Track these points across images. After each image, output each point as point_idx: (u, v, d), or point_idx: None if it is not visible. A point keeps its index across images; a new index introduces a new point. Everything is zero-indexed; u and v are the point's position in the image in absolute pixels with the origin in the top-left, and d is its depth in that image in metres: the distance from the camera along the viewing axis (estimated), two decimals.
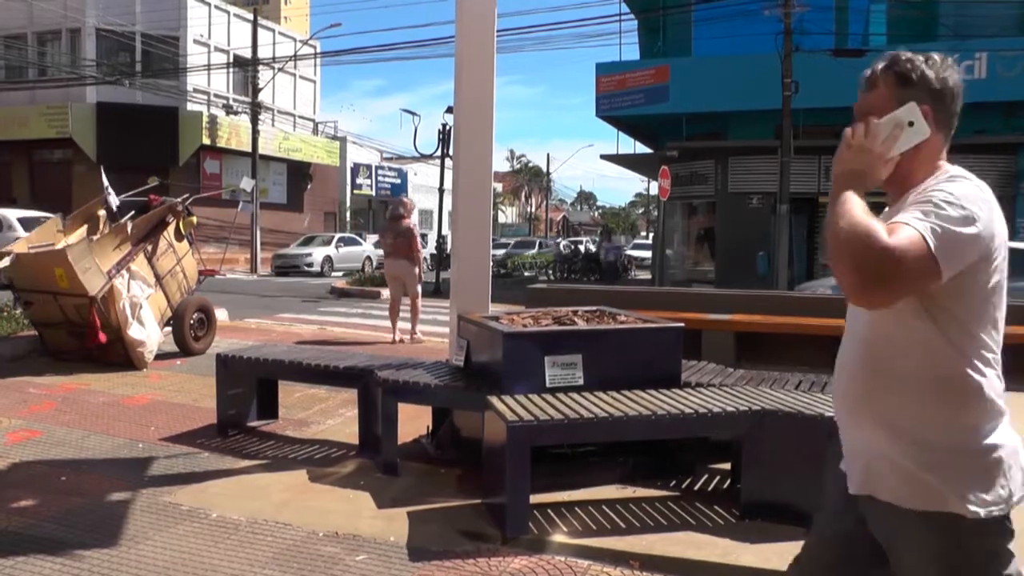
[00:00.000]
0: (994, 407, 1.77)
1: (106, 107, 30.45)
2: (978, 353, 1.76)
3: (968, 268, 1.69)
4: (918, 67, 1.87)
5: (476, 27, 5.54)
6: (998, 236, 1.74)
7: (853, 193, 1.70)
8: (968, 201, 1.69)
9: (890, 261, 1.59)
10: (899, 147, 1.78)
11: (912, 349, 1.77)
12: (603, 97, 23.12)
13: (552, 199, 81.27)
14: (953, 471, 1.74)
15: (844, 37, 21.92)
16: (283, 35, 38.52)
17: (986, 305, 1.76)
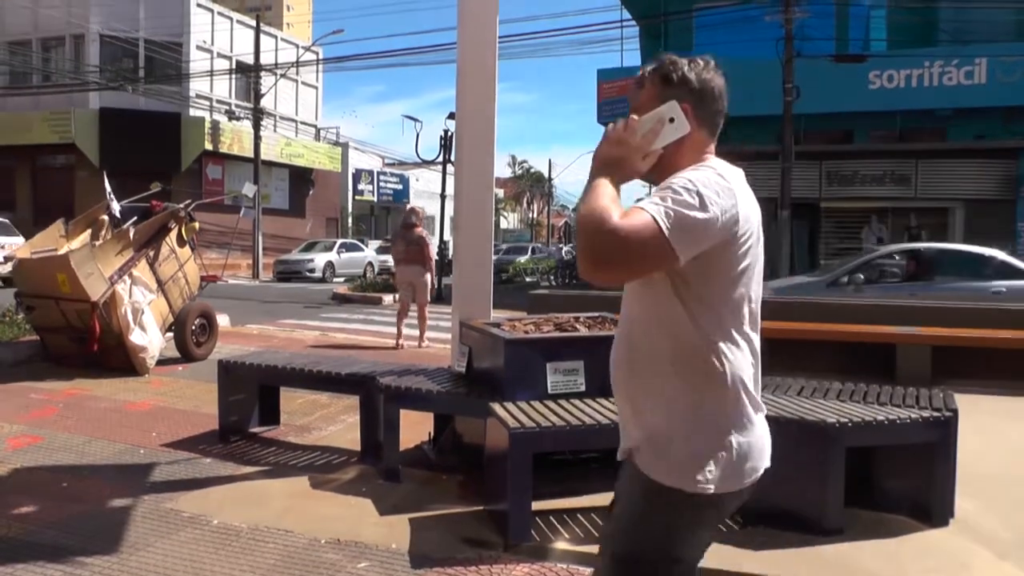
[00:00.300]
0: (738, 391, 1.85)
1: (109, 113, 30.51)
2: (725, 335, 1.84)
3: (711, 251, 1.75)
4: (680, 68, 1.95)
5: (477, 34, 5.55)
6: (743, 222, 1.78)
7: (605, 180, 1.77)
8: (705, 187, 1.74)
9: (616, 241, 1.64)
10: (660, 142, 1.85)
11: (661, 328, 1.86)
12: (605, 103, 23.17)
13: (554, 205, 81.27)
14: (685, 448, 1.83)
15: (845, 43, 21.98)
16: (285, 41, 38.61)
17: (733, 288, 1.83)
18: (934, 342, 7.84)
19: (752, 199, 1.86)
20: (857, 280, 11.66)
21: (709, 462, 1.83)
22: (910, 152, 19.59)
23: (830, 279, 12.22)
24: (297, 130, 38.95)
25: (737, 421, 1.85)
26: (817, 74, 18.73)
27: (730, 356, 1.84)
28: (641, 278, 1.84)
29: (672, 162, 1.88)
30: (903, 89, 20.00)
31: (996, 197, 18.74)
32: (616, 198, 1.73)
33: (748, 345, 1.88)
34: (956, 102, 19.76)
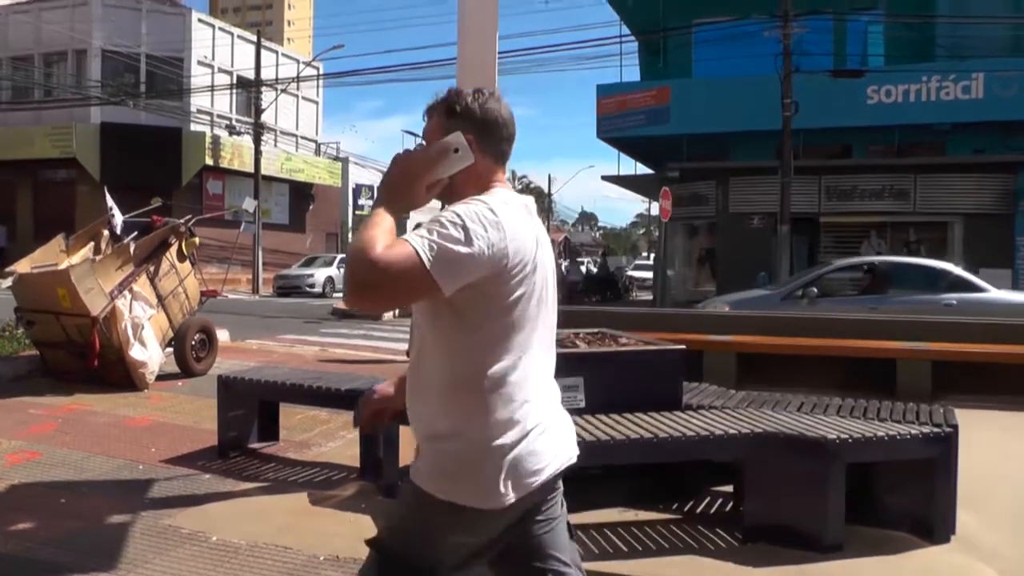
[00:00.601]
0: (512, 412, 1.91)
1: (110, 127, 30.59)
2: (499, 360, 1.90)
3: (481, 282, 1.81)
4: (464, 100, 2.00)
5: (477, 49, 5.57)
6: (513, 255, 1.84)
7: (382, 210, 1.83)
8: (472, 222, 1.79)
9: (375, 271, 1.71)
10: (443, 171, 1.90)
11: (440, 353, 1.93)
12: (604, 118, 23.23)
13: (554, 220, 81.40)
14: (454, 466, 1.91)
15: (843, 58, 22.07)
16: (286, 56, 38.76)
17: (507, 316, 1.89)
18: (934, 357, 7.84)
19: (528, 230, 1.91)
20: (811, 294, 11.77)
21: (483, 478, 1.89)
22: (909, 167, 19.63)
23: (784, 292, 12.30)
24: (297, 145, 39.04)
25: (509, 444, 1.90)
26: (815, 89, 18.78)
27: (503, 379, 1.90)
28: (403, 306, 1.93)
29: (458, 191, 1.95)
30: (901, 104, 20.07)
31: (995, 211, 18.76)
32: (390, 229, 1.79)
33: (526, 368, 1.95)
34: (954, 117, 19.82)
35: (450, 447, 1.92)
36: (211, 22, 35.18)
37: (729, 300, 13.15)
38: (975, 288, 11.66)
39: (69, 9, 32.56)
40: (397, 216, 1.84)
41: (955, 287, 11.71)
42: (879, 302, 11.56)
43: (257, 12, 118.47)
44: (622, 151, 26.44)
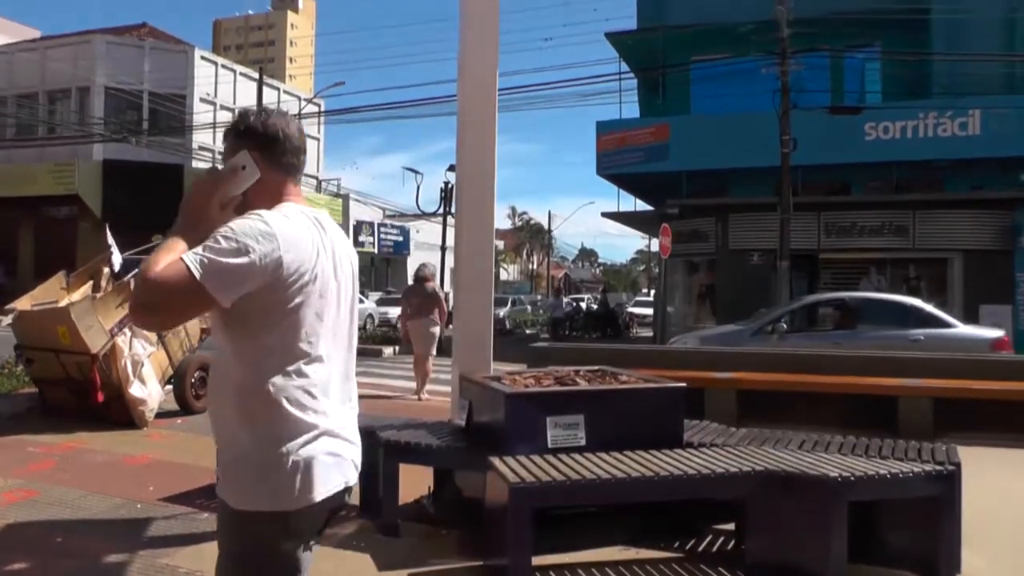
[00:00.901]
0: (296, 417, 1.98)
1: (112, 164, 30.74)
2: (280, 370, 1.98)
3: (258, 292, 1.91)
4: (247, 120, 2.13)
5: (478, 86, 5.62)
6: (288, 265, 1.93)
7: (179, 236, 1.98)
8: (245, 235, 1.88)
9: (149, 291, 1.82)
10: (235, 189, 2.04)
11: (229, 361, 2.01)
12: (604, 155, 23.36)
13: (554, 256, 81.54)
14: (248, 472, 1.97)
15: (840, 95, 22.24)
16: (287, 93, 39.10)
17: (287, 325, 1.98)
18: (936, 394, 7.81)
19: (310, 240, 2.01)
20: (779, 329, 11.83)
21: (270, 485, 1.96)
22: (907, 203, 19.71)
23: (755, 328, 12.34)
24: None
25: (297, 445, 1.97)
26: (813, 126, 18.91)
27: (286, 385, 1.97)
28: (187, 320, 2.07)
29: (252, 206, 2.05)
30: (899, 140, 20.19)
31: (994, 248, 18.80)
32: (177, 251, 1.90)
33: (311, 375, 2.02)
34: (951, 153, 19.93)
35: (244, 453, 1.98)
36: (213, 59, 35.50)
37: (699, 336, 13.21)
38: (942, 324, 11.81)
39: (73, 47, 32.91)
40: (194, 240, 1.93)
41: (923, 323, 11.90)
42: (847, 337, 11.67)
43: (259, 49, 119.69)
44: (622, 188, 26.56)
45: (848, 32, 20.25)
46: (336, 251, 2.11)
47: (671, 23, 23.36)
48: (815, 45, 19.53)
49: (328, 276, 2.06)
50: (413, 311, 11.65)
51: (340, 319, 2.13)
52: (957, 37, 20.60)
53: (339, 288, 2.11)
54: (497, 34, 5.64)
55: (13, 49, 34.96)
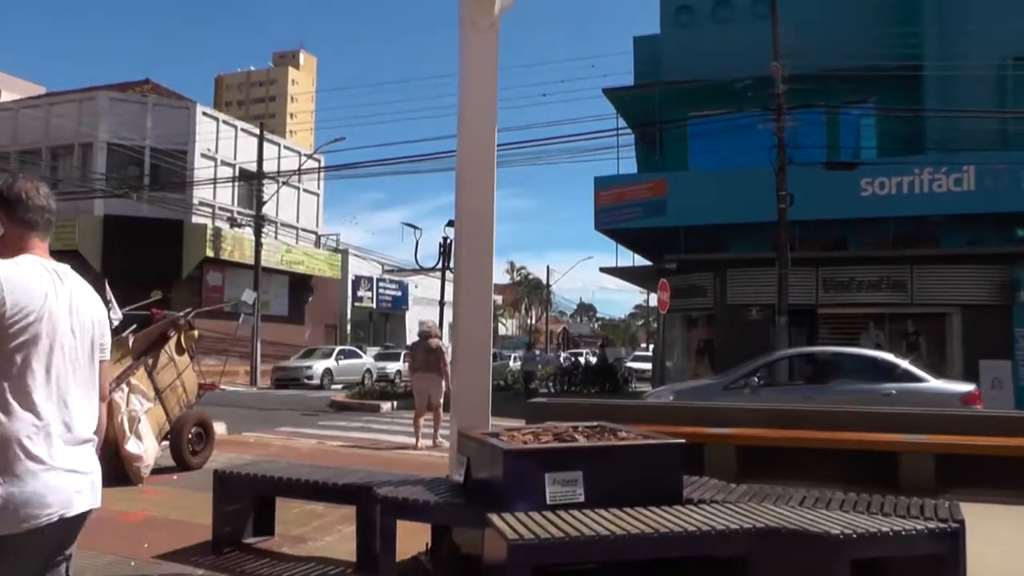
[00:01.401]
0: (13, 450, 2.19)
1: (113, 220, 30.92)
2: (7, 402, 2.20)
3: None
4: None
5: (477, 142, 5.68)
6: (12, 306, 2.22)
7: None
8: None
9: None
10: None
11: None
12: (602, 211, 23.49)
13: (552, 311, 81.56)
14: None
15: (836, 150, 22.44)
16: (288, 149, 39.48)
17: (11, 362, 2.22)
18: (937, 450, 7.76)
19: (38, 285, 2.30)
20: (752, 383, 11.83)
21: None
22: (904, 258, 19.79)
23: (727, 382, 12.34)
24: (298, 237, 39.41)
25: (10, 476, 2.18)
26: (810, 181, 19.05)
27: (14, 418, 2.20)
28: None
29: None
30: (895, 196, 20.32)
31: (993, 303, 18.82)
32: None
33: (32, 410, 2.24)
34: (947, 208, 20.05)
35: None
36: (215, 115, 35.93)
37: (675, 389, 13.23)
38: (915, 378, 11.84)
39: (77, 104, 33.34)
40: None
41: (896, 377, 11.89)
42: (820, 392, 11.68)
43: (260, 105, 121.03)
44: (620, 243, 26.67)
45: (842, 88, 20.50)
46: (74, 300, 2.39)
47: (668, 79, 23.68)
48: (810, 101, 19.76)
49: (59, 321, 2.32)
50: (419, 365, 12.22)
51: (76, 360, 2.38)
52: (950, 93, 20.87)
53: (75, 333, 2.37)
54: (495, 91, 5.72)
55: (18, 106, 35.41)
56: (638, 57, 26.41)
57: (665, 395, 12.80)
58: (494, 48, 5.65)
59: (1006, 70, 20.95)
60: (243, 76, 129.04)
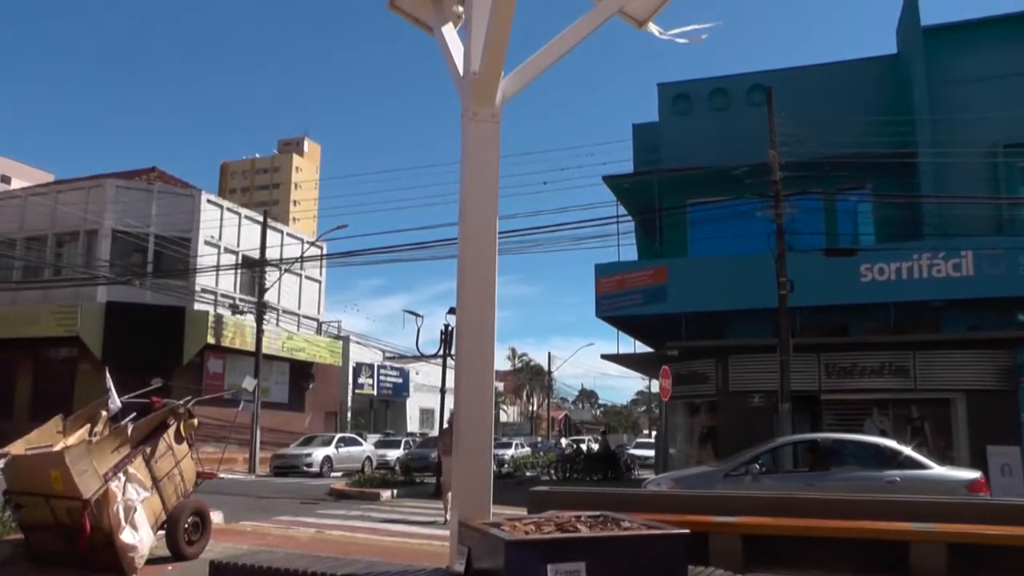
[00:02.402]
0: None
1: (115, 306, 30.99)
2: None
3: None
4: None
5: (478, 231, 5.73)
6: None
7: None
8: None
9: None
10: None
11: None
12: (603, 298, 23.55)
13: (554, 398, 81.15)
14: None
15: (835, 237, 22.62)
16: (291, 236, 39.82)
17: None
18: (950, 539, 7.61)
19: None
20: (753, 470, 11.70)
21: None
22: (906, 344, 19.75)
23: (728, 469, 12.19)
24: (299, 324, 39.46)
25: None
26: (810, 268, 19.15)
27: None
28: None
29: None
30: (894, 282, 20.37)
31: (997, 388, 18.72)
32: None
33: None
34: (947, 293, 20.08)
35: None
36: (219, 202, 36.33)
37: (673, 477, 13.07)
38: (919, 465, 11.70)
39: (84, 191, 33.75)
40: None
41: (900, 464, 11.77)
42: (822, 479, 11.52)
43: (264, 192, 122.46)
44: (621, 330, 26.68)
45: (839, 175, 20.77)
46: None
47: (666, 166, 24.03)
48: (807, 188, 20.01)
49: None
50: (448, 448, 12.97)
51: None
52: (944, 179, 21.16)
53: None
54: (497, 181, 5.80)
55: (26, 193, 35.89)
56: (637, 144, 26.88)
57: (663, 483, 12.64)
58: (495, 139, 5.75)
59: (997, 157, 21.29)
60: (248, 163, 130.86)
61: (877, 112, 22.03)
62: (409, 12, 6.76)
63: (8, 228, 34.05)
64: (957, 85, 21.84)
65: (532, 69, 5.75)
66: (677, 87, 25.77)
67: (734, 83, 25.13)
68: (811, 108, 21.93)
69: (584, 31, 5.66)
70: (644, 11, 5.87)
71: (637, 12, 5.93)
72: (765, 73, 24.65)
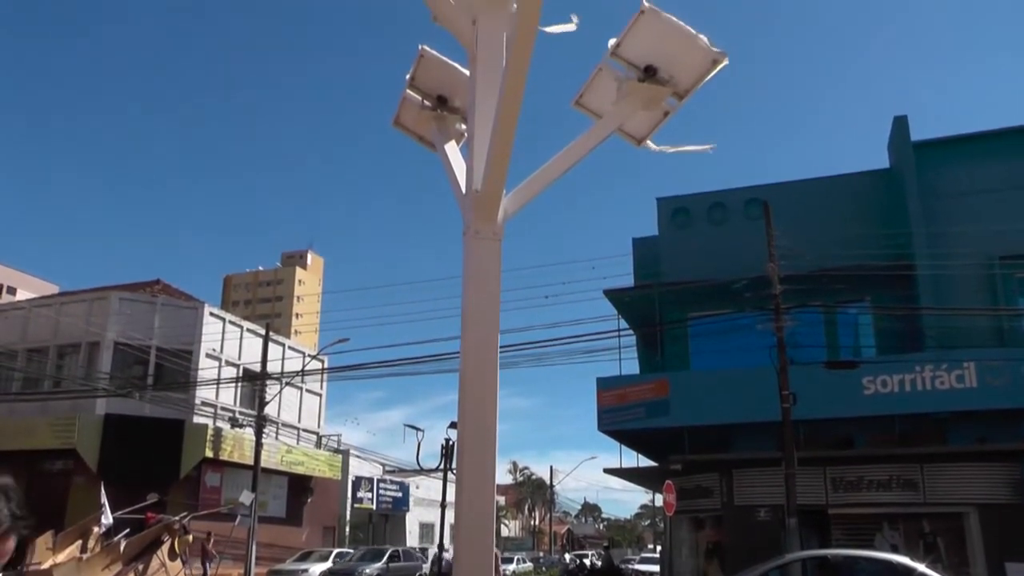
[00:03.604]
0: None
1: (113, 419, 30.77)
2: None
3: None
4: None
5: (480, 345, 5.72)
6: None
7: None
8: None
9: None
10: None
11: None
12: (605, 411, 23.39)
13: (556, 511, 79.68)
14: None
15: (836, 349, 22.61)
16: (292, 350, 39.79)
17: None
18: None
19: None
20: None
21: None
22: (913, 456, 19.50)
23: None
24: (299, 437, 39.09)
25: None
26: (812, 380, 19.07)
27: None
28: None
29: None
30: (898, 393, 20.24)
31: (1010, 501, 18.36)
32: None
33: None
34: (952, 405, 19.92)
35: None
36: (222, 315, 36.49)
37: None
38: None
39: (88, 303, 33.93)
40: None
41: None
42: None
43: (267, 304, 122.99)
44: (623, 443, 26.39)
45: (838, 288, 20.90)
46: None
47: (666, 279, 24.20)
48: (807, 301, 20.11)
49: None
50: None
51: None
52: (942, 291, 21.27)
53: None
54: (498, 298, 5.82)
55: (30, 304, 36.09)
56: (637, 258, 27.14)
57: None
58: (497, 257, 5.81)
59: (994, 269, 21.46)
60: (251, 276, 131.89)
61: (873, 225, 22.34)
62: (412, 129, 6.93)
63: (10, 339, 34.10)
64: (950, 198, 22.23)
65: (534, 186, 5.86)
66: (676, 201, 26.18)
67: (731, 197, 25.54)
68: (807, 221, 22.27)
69: (584, 149, 5.78)
70: (642, 129, 6.03)
71: (635, 130, 6.09)
72: (761, 187, 25.08)
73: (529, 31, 4.62)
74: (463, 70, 6.49)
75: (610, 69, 6.08)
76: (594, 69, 6.14)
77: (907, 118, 23.52)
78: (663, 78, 5.94)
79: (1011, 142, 22.80)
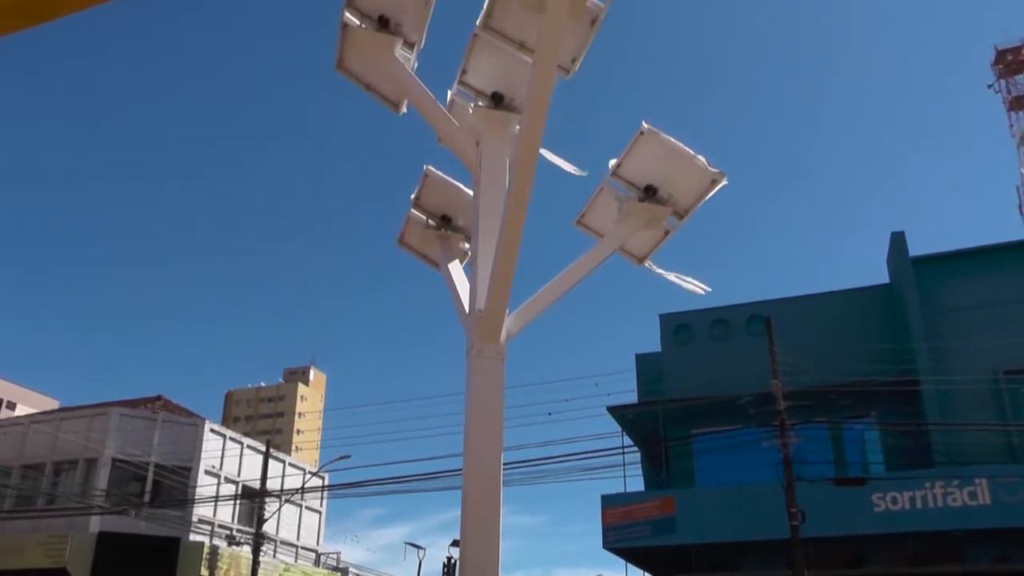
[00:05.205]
0: None
1: (107, 537, 30.10)
2: None
3: None
4: None
5: (482, 462, 5.69)
6: None
7: None
8: None
9: None
10: None
11: None
12: (610, 529, 22.95)
13: None
14: None
15: (843, 465, 22.32)
16: (293, 466, 39.25)
17: None
18: None
19: None
20: None
21: None
22: None
23: None
24: (297, 555, 38.15)
25: None
26: (820, 497, 18.76)
27: None
28: None
29: None
30: (909, 511, 19.86)
31: None
32: None
33: None
34: (967, 523, 19.52)
35: None
36: (222, 432, 36.13)
37: None
38: None
39: (88, 419, 33.65)
40: None
41: None
42: None
43: (268, 420, 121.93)
44: (629, 561, 25.77)
45: (843, 403, 20.78)
46: None
47: (670, 395, 24.09)
48: (811, 417, 19.96)
49: None
50: None
51: None
52: (948, 406, 21.14)
53: None
54: (502, 416, 5.82)
55: (29, 420, 35.82)
56: (640, 374, 27.07)
57: None
58: (500, 375, 5.82)
59: (999, 383, 21.35)
60: (253, 392, 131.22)
61: (875, 339, 22.36)
62: (417, 248, 7.05)
63: (8, 455, 33.69)
64: (951, 313, 22.33)
65: (536, 305, 5.94)
66: (678, 318, 26.27)
67: (733, 313, 25.65)
68: (809, 336, 22.30)
69: (585, 269, 5.89)
70: (643, 248, 6.15)
71: (636, 249, 6.21)
72: (763, 303, 25.22)
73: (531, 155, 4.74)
74: (467, 190, 6.66)
75: (611, 189, 6.23)
76: (595, 189, 6.29)
77: (904, 234, 23.85)
78: (663, 198, 6.07)
79: (1010, 257, 23.05)
